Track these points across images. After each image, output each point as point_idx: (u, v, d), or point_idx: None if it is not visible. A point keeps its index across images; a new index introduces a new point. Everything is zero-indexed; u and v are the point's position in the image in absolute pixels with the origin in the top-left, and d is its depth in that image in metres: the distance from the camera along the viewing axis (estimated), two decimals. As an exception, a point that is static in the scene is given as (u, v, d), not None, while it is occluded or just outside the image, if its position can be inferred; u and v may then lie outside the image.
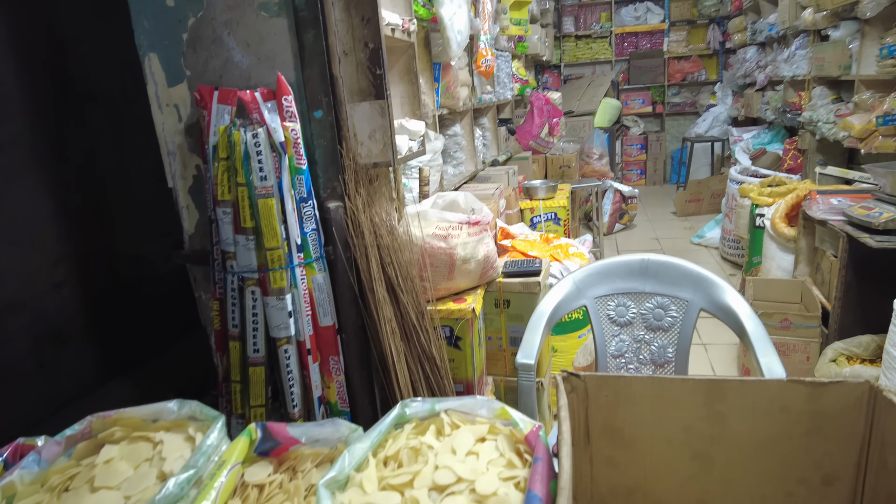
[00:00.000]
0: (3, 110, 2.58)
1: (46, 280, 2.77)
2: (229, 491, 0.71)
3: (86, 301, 2.96)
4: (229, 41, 1.44)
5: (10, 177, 2.58)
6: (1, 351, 2.54)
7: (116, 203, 3.09)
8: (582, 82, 5.92)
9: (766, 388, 0.70)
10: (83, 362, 2.93)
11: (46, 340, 2.77)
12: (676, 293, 1.61)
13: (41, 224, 2.72)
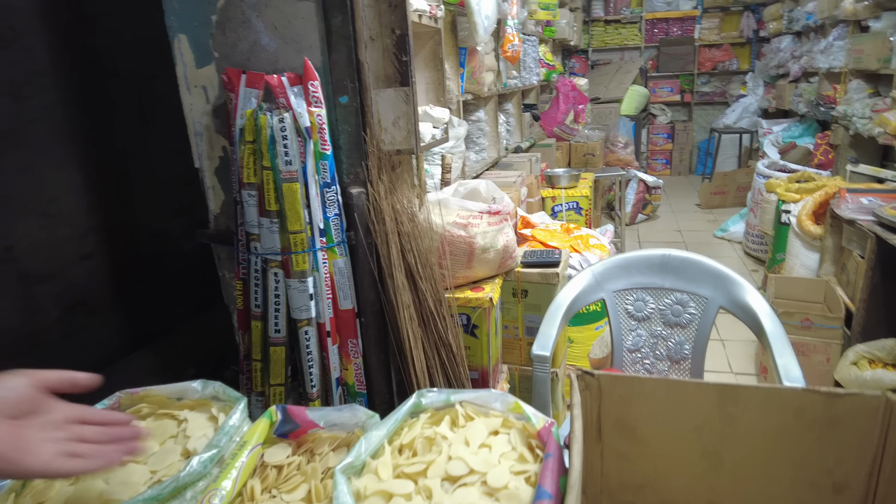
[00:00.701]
0: (36, 83, 2.63)
1: (75, 251, 2.84)
2: (249, 471, 0.74)
3: (111, 273, 3.04)
4: (257, 23, 1.45)
5: (42, 149, 2.64)
6: (31, 319, 2.62)
7: (140, 178, 3.15)
8: (610, 68, 5.82)
9: (779, 396, 0.70)
10: (108, 333, 3.01)
11: (74, 310, 2.85)
12: (696, 290, 1.60)
13: (70, 197, 2.79)
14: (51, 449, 0.58)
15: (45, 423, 0.60)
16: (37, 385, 0.61)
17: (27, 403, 0.59)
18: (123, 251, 3.10)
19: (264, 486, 0.76)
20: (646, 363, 1.66)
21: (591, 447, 0.78)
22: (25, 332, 2.60)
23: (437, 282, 1.57)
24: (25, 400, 0.59)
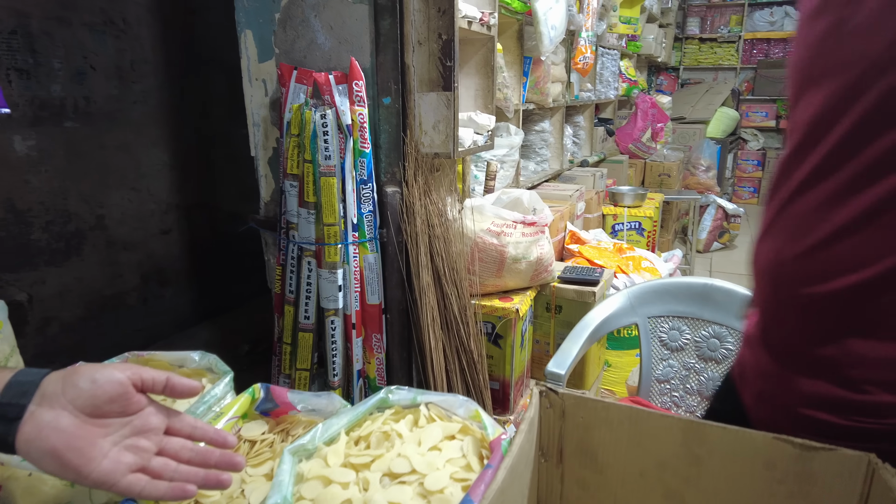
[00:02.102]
0: (139, 70, 2.89)
1: (156, 226, 3.09)
2: (220, 440, 0.78)
3: (187, 248, 3.28)
4: (315, 23, 1.53)
5: (139, 129, 2.90)
6: (113, 283, 2.88)
7: (221, 162, 3.38)
8: (699, 88, 5.56)
9: (749, 440, 0.65)
10: (179, 303, 3.25)
11: (151, 279, 3.10)
12: (736, 324, 1.51)
13: (157, 174, 3.04)
14: (119, 458, 0.49)
15: (125, 426, 0.51)
16: (132, 381, 0.51)
17: (112, 400, 0.50)
18: (199, 229, 3.34)
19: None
20: (674, 395, 1.59)
21: (551, 470, 0.76)
22: (107, 294, 2.86)
23: (464, 287, 1.58)
24: (111, 396, 0.50)
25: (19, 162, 2.36)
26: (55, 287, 2.56)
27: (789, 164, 0.65)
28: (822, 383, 0.66)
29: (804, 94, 0.61)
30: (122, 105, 2.80)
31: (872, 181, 0.57)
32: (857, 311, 0.62)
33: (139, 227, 3.00)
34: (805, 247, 0.63)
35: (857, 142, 0.57)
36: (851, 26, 0.54)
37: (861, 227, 0.59)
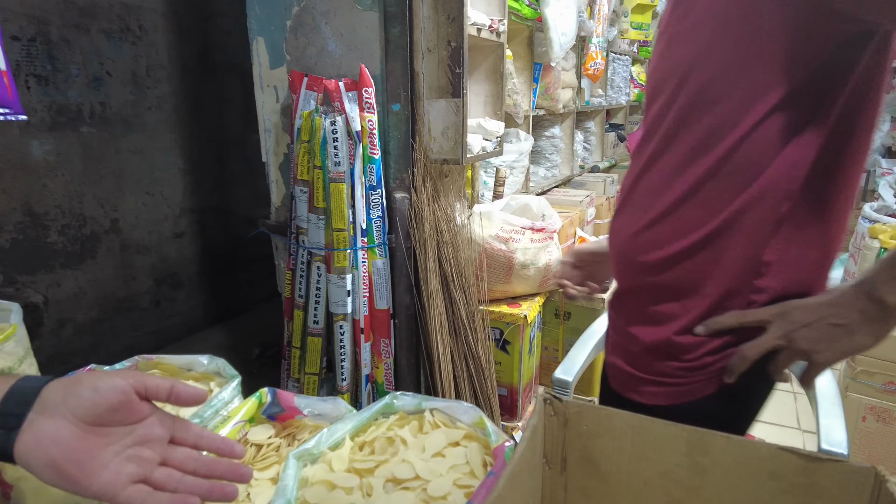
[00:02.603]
0: (154, 76, 2.93)
1: (170, 229, 3.13)
2: (227, 443, 0.79)
3: (200, 252, 3.31)
4: (326, 30, 1.54)
5: (153, 134, 2.94)
6: (127, 285, 2.92)
7: (235, 167, 3.42)
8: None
9: (753, 451, 0.65)
10: (191, 306, 3.29)
11: (164, 282, 3.14)
12: (745, 333, 1.49)
13: (172, 179, 3.08)
14: (120, 469, 0.48)
15: (128, 436, 0.49)
16: (134, 389, 0.49)
17: (114, 409, 0.48)
18: (212, 233, 3.38)
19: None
20: (683, 404, 1.58)
21: (555, 478, 0.76)
22: (121, 297, 2.90)
23: (472, 292, 1.58)
24: (113, 405, 0.48)
25: (37, 166, 2.40)
26: (70, 289, 2.60)
27: (641, 147, 0.77)
28: (655, 329, 0.77)
29: (657, 95, 0.73)
30: (137, 110, 2.85)
31: (695, 160, 0.68)
32: (679, 273, 0.73)
33: (153, 231, 3.04)
34: (646, 220, 0.74)
35: (685, 126, 0.69)
36: (679, 38, 0.68)
37: (686, 201, 0.70)
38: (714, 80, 0.65)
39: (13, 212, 2.34)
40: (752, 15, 0.61)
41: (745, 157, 0.66)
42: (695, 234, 0.70)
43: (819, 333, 0.65)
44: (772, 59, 0.61)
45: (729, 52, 0.63)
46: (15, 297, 2.39)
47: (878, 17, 0.55)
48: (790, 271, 0.70)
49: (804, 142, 0.64)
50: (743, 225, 0.68)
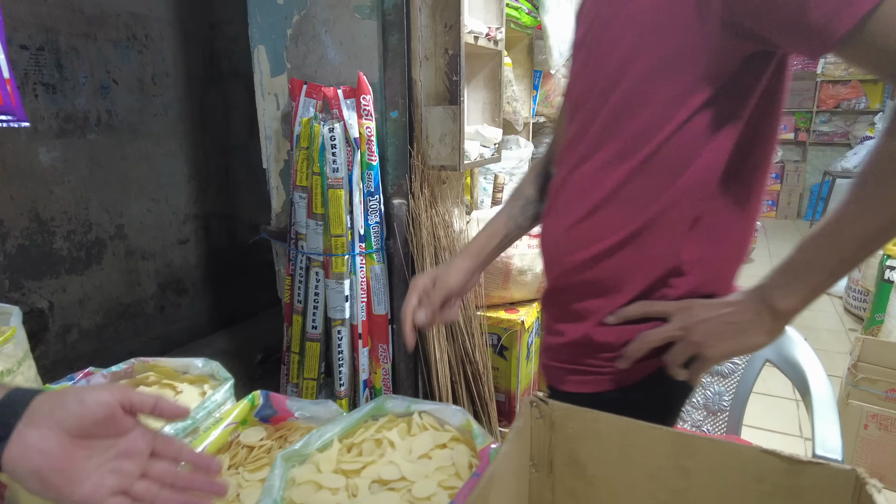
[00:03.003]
0: (160, 83, 2.97)
1: (175, 235, 3.16)
2: (218, 446, 0.80)
3: (204, 258, 3.34)
4: (326, 38, 1.56)
5: (159, 141, 2.98)
6: (132, 291, 2.95)
7: (239, 173, 3.45)
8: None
9: (737, 453, 0.65)
10: (195, 311, 3.31)
11: (168, 288, 3.17)
12: (743, 339, 1.49)
13: (176, 185, 3.11)
14: (102, 481, 0.49)
15: (111, 449, 0.51)
16: (119, 403, 0.51)
17: (99, 422, 0.50)
18: (217, 239, 3.41)
19: (232, 463, 0.82)
20: (681, 410, 1.57)
21: (542, 480, 0.76)
22: (126, 302, 2.93)
23: (469, 298, 1.59)
24: (98, 418, 0.49)
25: (44, 173, 2.44)
26: (76, 295, 2.63)
27: (567, 151, 0.80)
28: (579, 325, 0.80)
29: (584, 101, 0.76)
30: (143, 117, 2.88)
31: (619, 163, 0.72)
32: (603, 270, 0.76)
33: (158, 237, 3.07)
34: (572, 221, 0.77)
35: (611, 131, 0.72)
36: (602, 47, 0.72)
37: (610, 202, 0.74)
38: (639, 87, 0.68)
39: (20, 218, 2.38)
40: (676, 26, 0.64)
41: (666, 159, 0.69)
42: (618, 233, 0.74)
43: (714, 329, 0.69)
44: (692, 67, 0.65)
45: (653, 60, 0.67)
46: (21, 303, 2.42)
47: (773, 37, 0.60)
48: (705, 269, 0.74)
49: (719, 145, 0.68)
50: (663, 224, 0.72)
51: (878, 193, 0.57)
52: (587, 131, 0.74)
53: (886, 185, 0.56)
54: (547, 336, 0.88)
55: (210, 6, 3.21)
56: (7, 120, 1.03)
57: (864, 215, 0.58)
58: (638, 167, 0.70)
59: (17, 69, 2.31)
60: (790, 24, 0.57)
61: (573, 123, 0.79)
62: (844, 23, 0.53)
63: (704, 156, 0.69)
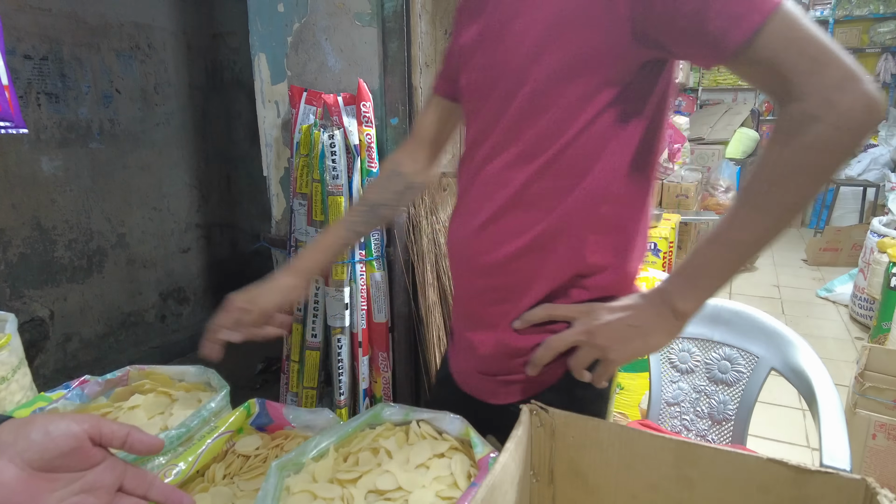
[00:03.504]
0: (162, 93, 2.98)
1: (176, 245, 3.16)
2: (212, 454, 0.79)
3: (205, 267, 3.33)
4: (326, 46, 1.56)
5: (161, 150, 2.98)
6: (133, 300, 2.94)
7: (240, 182, 3.45)
8: (718, 109, 5.52)
9: (742, 463, 0.64)
10: (196, 321, 3.30)
11: (169, 297, 3.16)
12: (747, 346, 1.48)
13: (178, 194, 3.12)
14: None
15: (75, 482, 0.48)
16: (89, 435, 0.48)
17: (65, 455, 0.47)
18: (218, 248, 3.40)
19: (227, 472, 0.80)
20: (685, 419, 1.55)
21: (543, 489, 0.74)
22: (127, 311, 2.92)
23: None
24: (64, 450, 0.47)
25: (46, 181, 2.44)
26: (76, 304, 2.62)
27: (470, 151, 0.80)
28: (490, 334, 0.80)
29: (484, 100, 0.76)
30: (145, 127, 2.89)
31: (523, 165, 0.72)
32: (510, 274, 0.76)
33: (159, 246, 3.06)
34: (478, 224, 0.77)
35: (515, 133, 0.72)
36: (497, 52, 0.72)
37: (515, 205, 0.73)
38: (543, 89, 0.68)
39: (22, 226, 2.38)
40: (582, 30, 0.65)
41: (571, 161, 0.70)
42: (525, 235, 0.74)
43: (617, 332, 0.70)
44: (597, 71, 0.66)
45: (558, 62, 0.67)
46: (21, 311, 2.41)
47: (674, 46, 0.63)
48: (611, 270, 0.75)
49: (623, 146, 0.70)
50: (569, 226, 0.72)
51: (765, 199, 0.60)
52: (491, 131, 0.74)
53: (773, 190, 0.59)
54: (462, 343, 0.87)
55: (212, 16, 3.23)
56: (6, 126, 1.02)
57: (755, 219, 0.61)
58: (543, 169, 0.71)
59: (21, 79, 2.32)
60: (690, 35, 0.59)
61: (474, 122, 0.79)
62: (738, 36, 0.56)
63: (608, 157, 0.70)
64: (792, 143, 0.57)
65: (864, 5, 5.68)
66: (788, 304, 3.70)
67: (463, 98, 0.82)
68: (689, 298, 0.67)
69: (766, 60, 0.57)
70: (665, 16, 0.60)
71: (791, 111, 0.57)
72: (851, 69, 0.55)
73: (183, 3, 3.05)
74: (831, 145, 0.56)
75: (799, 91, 0.56)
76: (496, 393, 0.83)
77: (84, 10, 2.53)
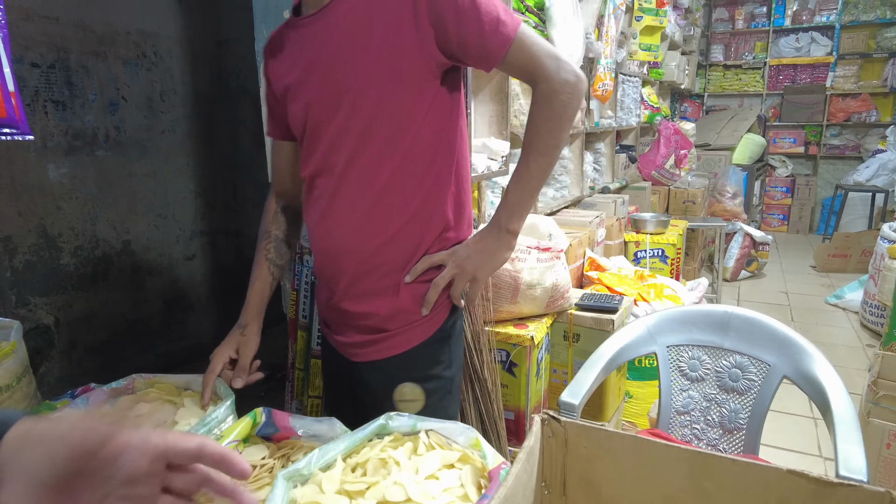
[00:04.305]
0: (168, 100, 2.99)
1: (181, 252, 3.16)
2: (218, 464, 0.77)
3: (210, 274, 3.33)
4: (332, 54, 1.55)
5: (166, 158, 2.99)
6: (138, 307, 2.94)
7: (246, 189, 3.45)
8: (724, 114, 5.50)
9: (761, 474, 0.62)
10: (200, 328, 3.29)
11: (174, 304, 3.15)
12: (758, 354, 1.45)
13: (183, 201, 3.12)
14: None
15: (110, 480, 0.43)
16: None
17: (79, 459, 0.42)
18: (223, 255, 3.40)
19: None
20: (695, 428, 1.53)
21: (554, 501, 0.73)
22: (131, 319, 2.91)
23: (477, 313, 1.56)
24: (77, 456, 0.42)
25: (52, 189, 2.44)
26: (82, 311, 2.62)
27: (327, 158, 0.97)
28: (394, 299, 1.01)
29: (332, 113, 0.95)
30: (151, 134, 2.90)
31: (383, 163, 0.94)
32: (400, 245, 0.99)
33: (164, 254, 3.06)
34: (359, 217, 0.96)
35: (368, 138, 0.94)
36: (339, 67, 0.93)
37: (387, 191, 0.95)
38: (384, 98, 0.91)
39: (28, 234, 2.38)
40: (402, 57, 0.90)
41: (419, 151, 0.94)
42: (404, 212, 0.96)
43: (477, 259, 0.98)
44: (418, 83, 0.92)
45: (386, 74, 0.90)
46: (27, 319, 2.41)
47: (466, 60, 0.93)
48: (462, 223, 1.03)
49: (450, 133, 0.97)
50: (434, 196, 0.97)
51: (541, 144, 0.94)
52: (344, 140, 0.93)
53: (544, 137, 0.93)
54: (345, 320, 1.06)
55: (218, 24, 3.24)
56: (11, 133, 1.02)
57: (538, 160, 0.94)
58: (400, 162, 0.93)
59: (28, 87, 2.33)
60: (477, 55, 0.91)
61: (318, 146, 0.97)
62: (502, 49, 0.91)
63: (444, 143, 0.96)
64: (548, 107, 0.92)
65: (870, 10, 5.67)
66: (797, 311, 3.67)
67: (299, 123, 0.99)
68: (516, 220, 0.98)
69: (517, 63, 0.92)
70: (461, 49, 0.91)
71: (543, 89, 0.92)
72: (567, 62, 0.93)
73: (189, 11, 3.06)
74: (567, 105, 0.92)
75: (545, 77, 0.91)
76: (372, 351, 1.03)
77: (91, 19, 2.55)
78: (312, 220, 1.03)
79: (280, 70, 1.02)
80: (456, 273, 0.98)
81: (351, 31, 0.91)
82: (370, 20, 0.90)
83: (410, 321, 1.01)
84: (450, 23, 0.90)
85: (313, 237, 1.05)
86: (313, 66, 0.94)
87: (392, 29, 0.89)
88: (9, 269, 2.32)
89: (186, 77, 3.08)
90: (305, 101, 0.96)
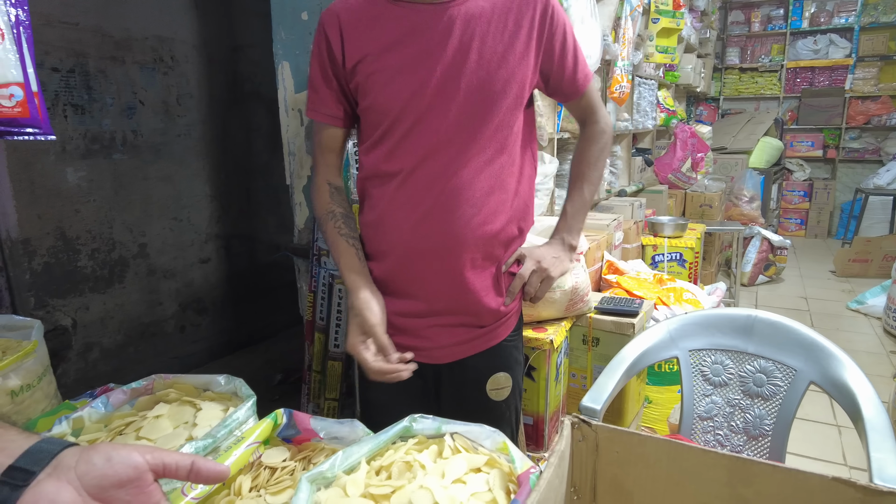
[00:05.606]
0: (184, 104, 3.01)
1: (196, 255, 3.17)
2: (239, 466, 0.76)
3: (225, 278, 3.34)
4: (350, 55, 1.55)
5: (181, 161, 3.00)
6: (153, 310, 2.95)
7: (260, 193, 3.46)
8: (740, 118, 5.44)
9: (803, 482, 0.59)
10: (215, 331, 3.30)
11: (189, 307, 3.16)
12: (784, 359, 1.42)
13: (198, 205, 3.13)
14: None
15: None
16: (151, 466, 0.49)
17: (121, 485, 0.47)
18: (237, 259, 3.41)
19: (254, 485, 0.77)
20: (718, 434, 1.49)
21: (584, 506, 0.71)
22: (147, 322, 2.93)
23: (495, 316, 1.54)
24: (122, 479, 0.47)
25: (70, 192, 2.46)
26: (98, 313, 2.63)
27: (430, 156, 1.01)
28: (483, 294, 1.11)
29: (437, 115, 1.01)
30: (167, 138, 2.92)
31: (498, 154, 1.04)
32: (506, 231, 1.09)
33: (179, 257, 3.07)
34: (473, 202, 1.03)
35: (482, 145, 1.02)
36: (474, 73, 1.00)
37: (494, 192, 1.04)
38: (519, 96, 1.02)
39: (46, 236, 2.40)
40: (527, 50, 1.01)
41: (515, 151, 1.05)
42: (506, 209, 1.05)
43: (550, 260, 1.12)
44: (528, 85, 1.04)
45: (526, 72, 1.02)
46: (45, 320, 2.42)
47: (558, 92, 1.11)
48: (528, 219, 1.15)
49: (534, 144, 1.12)
50: (521, 191, 1.08)
51: (590, 174, 1.16)
52: (455, 136, 0.98)
53: (593, 169, 1.16)
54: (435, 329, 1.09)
55: (234, 30, 3.26)
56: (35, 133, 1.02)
57: (588, 187, 1.16)
58: (507, 158, 1.03)
59: (48, 91, 2.35)
60: (568, 86, 1.09)
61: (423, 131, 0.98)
62: (585, 85, 1.10)
63: (530, 147, 1.10)
64: (598, 144, 1.15)
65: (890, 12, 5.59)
66: (817, 316, 3.60)
67: (392, 104, 0.97)
68: (574, 236, 1.17)
69: (586, 101, 1.12)
70: (561, 86, 1.08)
71: (595, 129, 1.14)
72: (605, 109, 1.17)
73: (204, 16, 3.08)
74: (609, 143, 1.17)
75: (598, 118, 1.14)
76: (477, 344, 1.11)
77: (109, 25, 2.57)
78: (410, 220, 1.01)
79: (369, 46, 0.97)
80: (535, 269, 1.09)
81: (488, 22, 0.97)
82: (505, 17, 0.98)
83: (499, 316, 1.11)
84: (556, 50, 1.02)
85: (401, 238, 1.02)
86: (434, 49, 0.95)
87: (527, 33, 0.99)
88: (28, 271, 2.33)
89: (202, 82, 3.10)
90: (417, 83, 0.96)
